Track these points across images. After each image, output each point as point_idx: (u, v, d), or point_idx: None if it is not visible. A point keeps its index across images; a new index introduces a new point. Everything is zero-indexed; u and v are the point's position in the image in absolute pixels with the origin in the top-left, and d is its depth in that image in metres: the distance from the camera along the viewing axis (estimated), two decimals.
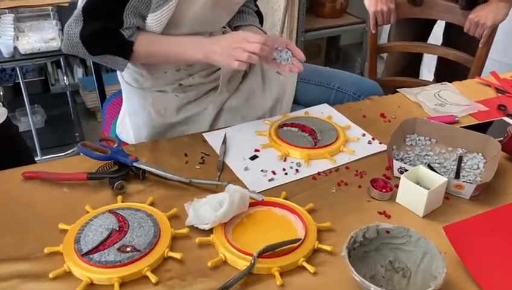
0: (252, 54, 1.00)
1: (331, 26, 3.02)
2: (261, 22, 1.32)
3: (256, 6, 1.33)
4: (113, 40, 1.04)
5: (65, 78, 2.81)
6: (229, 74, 1.20)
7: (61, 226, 0.81)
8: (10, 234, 0.81)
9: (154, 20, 1.04)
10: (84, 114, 2.93)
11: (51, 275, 0.72)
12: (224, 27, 1.22)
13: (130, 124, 1.23)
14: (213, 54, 1.04)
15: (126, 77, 1.22)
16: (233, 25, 1.24)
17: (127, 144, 1.20)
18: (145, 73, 1.17)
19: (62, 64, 2.85)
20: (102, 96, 1.54)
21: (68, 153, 2.50)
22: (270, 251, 0.76)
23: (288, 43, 1.08)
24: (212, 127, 1.19)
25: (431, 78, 2.22)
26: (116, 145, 0.97)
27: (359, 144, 1.06)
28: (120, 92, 1.50)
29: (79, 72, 3.12)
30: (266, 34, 1.27)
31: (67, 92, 2.73)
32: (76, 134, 2.62)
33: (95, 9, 1.02)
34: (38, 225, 0.83)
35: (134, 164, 0.93)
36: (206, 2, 1.05)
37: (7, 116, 1.05)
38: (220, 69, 1.20)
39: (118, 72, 1.25)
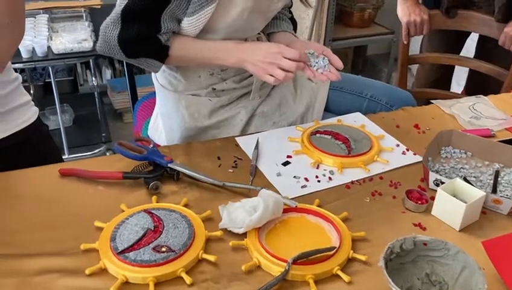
0: (287, 72, 1.00)
1: (358, 36, 3.01)
2: (295, 28, 1.33)
3: (290, 13, 1.33)
4: (150, 45, 1.05)
5: (94, 79, 2.85)
6: (261, 81, 1.21)
7: (97, 223, 0.82)
8: (47, 230, 0.82)
9: (190, 24, 1.05)
10: (110, 115, 2.98)
11: (87, 272, 0.73)
12: (258, 33, 1.22)
13: (162, 126, 1.24)
14: (246, 63, 1.05)
15: (161, 79, 1.24)
16: (267, 32, 1.25)
17: (159, 145, 1.21)
18: (179, 76, 1.19)
19: (91, 65, 2.90)
20: (134, 97, 1.55)
21: (95, 153, 2.54)
22: (304, 258, 0.75)
23: (324, 49, 1.08)
24: (243, 132, 1.19)
25: (460, 91, 2.19)
26: (151, 145, 0.98)
27: (393, 154, 1.05)
28: (152, 94, 1.53)
29: (107, 73, 3.17)
30: (297, 38, 1.28)
31: (95, 93, 2.77)
32: (103, 134, 2.65)
33: (133, 13, 1.03)
34: (74, 222, 0.84)
35: (169, 165, 0.94)
36: (244, 9, 1.06)
37: (38, 116, 1.07)
38: (252, 75, 1.20)
39: (153, 75, 1.26)
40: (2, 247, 0.77)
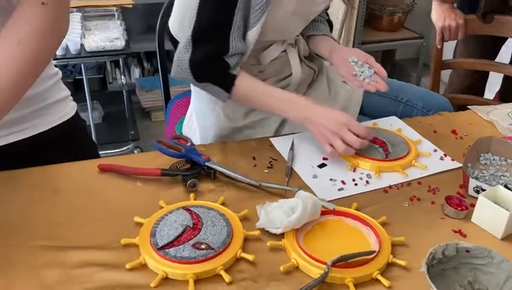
0: (349, 146, 0.97)
1: (387, 40, 2.99)
2: (331, 30, 1.32)
3: (327, 14, 1.33)
4: (218, 67, 1.03)
5: (123, 77, 2.89)
6: (298, 82, 1.21)
7: (137, 219, 0.83)
8: (88, 224, 0.83)
9: (253, 36, 1.03)
10: (138, 113, 3.01)
11: (127, 266, 0.74)
12: (297, 36, 1.22)
13: (197, 125, 1.25)
14: (309, 123, 1.01)
15: None
16: (307, 34, 1.25)
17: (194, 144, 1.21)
18: None
19: (121, 64, 2.94)
20: (167, 96, 1.57)
21: (122, 150, 2.57)
22: (343, 261, 0.75)
23: (368, 57, 1.07)
24: (277, 133, 1.19)
25: (491, 97, 2.15)
26: (189, 144, 0.99)
27: (431, 159, 1.04)
28: (185, 93, 1.54)
29: (136, 72, 3.21)
30: (338, 43, 1.27)
31: (124, 91, 2.81)
32: (132, 132, 2.69)
33: (202, 34, 1.02)
34: (114, 216, 0.85)
35: (207, 164, 0.94)
36: (287, 12, 1.05)
37: (76, 110, 1.09)
38: (289, 76, 1.20)
39: None
40: (46, 239, 0.79)
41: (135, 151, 2.55)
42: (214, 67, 1.03)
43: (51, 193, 0.89)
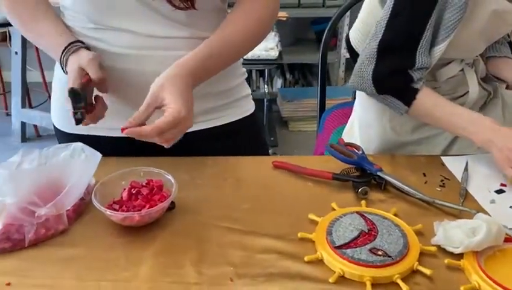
0: None
1: None
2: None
3: (509, 36, 1.26)
4: (401, 80, 1.03)
5: (266, 86, 3.03)
6: (473, 102, 1.16)
7: (311, 216, 0.87)
8: (267, 213, 0.89)
9: (439, 52, 1.03)
10: (276, 122, 3.12)
11: (306, 259, 0.77)
12: (476, 56, 1.18)
13: (358, 135, 1.26)
14: (492, 146, 0.98)
15: None
16: (486, 55, 1.20)
17: None
18: None
19: (266, 73, 3.09)
20: (322, 107, 1.62)
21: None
22: None
23: None
24: (445, 152, 1.15)
25: None
26: (360, 152, 1.01)
27: None
28: (340, 104, 1.57)
29: (278, 82, 3.34)
30: None
31: (264, 99, 2.94)
32: (271, 138, 2.79)
33: (389, 47, 1.03)
34: (289, 211, 0.89)
35: (378, 173, 0.95)
36: (474, 31, 1.03)
37: (254, 108, 1.17)
38: (463, 95, 1.16)
39: None
40: (231, 221, 0.86)
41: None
42: (397, 81, 1.03)
43: (232, 181, 0.97)
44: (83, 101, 0.86)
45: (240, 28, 0.94)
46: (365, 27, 1.20)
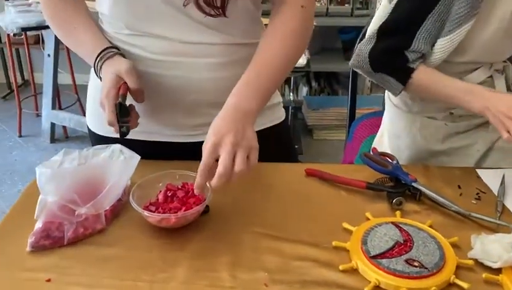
0: None
1: None
2: None
3: None
4: (395, 59, 1.07)
5: (291, 94, 3.03)
6: None
7: (346, 225, 0.86)
8: (301, 220, 0.89)
9: (442, 46, 1.04)
10: (301, 129, 3.12)
11: (341, 268, 0.77)
12: (504, 61, 1.16)
13: (388, 145, 1.26)
14: (488, 112, 0.99)
15: (394, 99, 1.25)
16: None
17: None
18: (416, 97, 1.19)
19: (291, 81, 3.09)
20: (352, 115, 1.62)
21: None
22: None
23: None
24: (477, 165, 1.14)
25: None
26: (395, 162, 1.00)
27: None
28: (371, 114, 1.57)
29: (303, 90, 3.34)
30: None
31: (290, 107, 2.94)
32: (296, 146, 2.79)
33: (389, 29, 1.07)
34: (323, 219, 0.89)
35: (413, 184, 0.94)
36: (498, 30, 1.02)
37: (285, 116, 1.17)
38: None
39: (386, 95, 1.29)
40: (264, 227, 0.86)
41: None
42: (392, 59, 1.06)
43: (266, 187, 0.98)
44: (129, 115, 0.87)
45: (277, 51, 0.91)
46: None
